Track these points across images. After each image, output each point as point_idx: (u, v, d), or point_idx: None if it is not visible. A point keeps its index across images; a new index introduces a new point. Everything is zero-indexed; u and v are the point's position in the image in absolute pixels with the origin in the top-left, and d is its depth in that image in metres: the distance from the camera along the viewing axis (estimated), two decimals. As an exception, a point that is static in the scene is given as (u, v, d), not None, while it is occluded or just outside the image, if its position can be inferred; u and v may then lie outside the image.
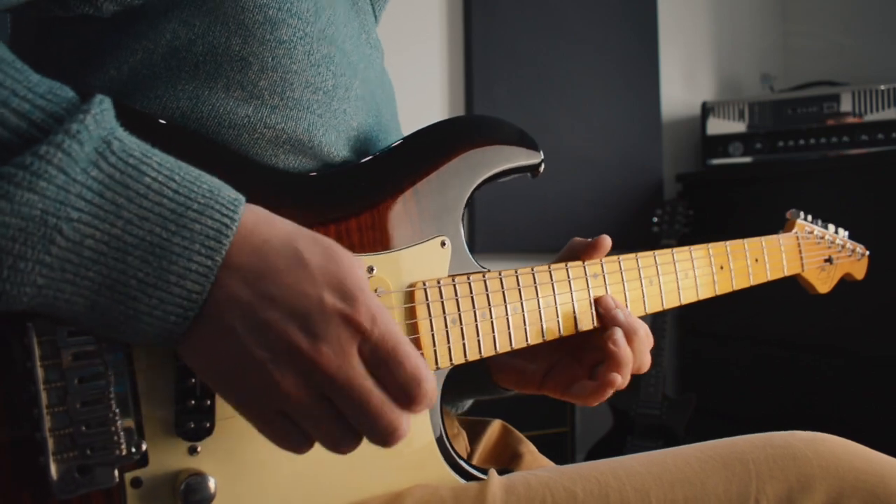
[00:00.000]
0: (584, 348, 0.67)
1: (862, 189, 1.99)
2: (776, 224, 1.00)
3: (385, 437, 0.44)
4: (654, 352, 2.14)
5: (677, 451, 0.58)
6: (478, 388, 0.75)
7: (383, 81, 0.73)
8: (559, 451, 2.06)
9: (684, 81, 2.63)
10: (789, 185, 2.15)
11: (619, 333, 0.63)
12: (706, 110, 2.39)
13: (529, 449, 0.76)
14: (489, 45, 2.17)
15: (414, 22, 2.10)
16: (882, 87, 2.14)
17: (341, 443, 0.44)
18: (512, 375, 0.71)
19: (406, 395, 0.44)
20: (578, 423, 2.18)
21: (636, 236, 2.38)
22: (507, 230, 2.15)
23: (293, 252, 0.44)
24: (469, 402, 0.82)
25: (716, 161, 2.36)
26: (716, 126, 2.37)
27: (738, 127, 2.34)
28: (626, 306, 0.70)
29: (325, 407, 0.43)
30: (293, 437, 0.45)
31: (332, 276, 0.44)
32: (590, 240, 0.70)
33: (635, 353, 0.64)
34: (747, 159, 2.32)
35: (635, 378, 2.18)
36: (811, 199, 2.10)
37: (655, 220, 2.28)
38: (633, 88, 2.44)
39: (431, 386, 0.45)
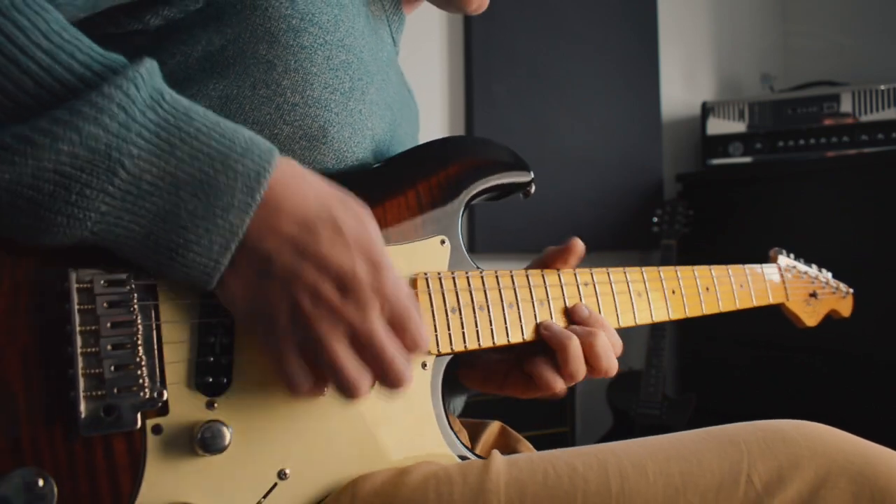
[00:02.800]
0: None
1: (862, 189, 1.99)
2: (776, 224, 1.02)
3: (395, 379, 0.51)
4: (654, 352, 2.14)
5: (672, 435, 0.61)
6: (450, 388, 0.77)
7: (404, 101, 0.78)
8: (559, 451, 2.06)
9: (684, 81, 2.63)
10: (789, 185, 2.15)
11: (547, 321, 0.68)
12: (706, 110, 2.39)
13: (527, 448, 0.77)
14: (489, 46, 2.17)
15: (414, 22, 2.09)
16: (882, 87, 2.14)
17: (349, 381, 0.50)
18: (478, 375, 0.75)
19: (413, 344, 0.52)
20: (578, 423, 2.18)
21: (636, 236, 2.38)
22: (507, 230, 2.15)
23: (329, 218, 0.50)
24: (460, 402, 0.83)
25: (716, 161, 2.36)
26: (716, 126, 2.37)
27: (738, 127, 2.34)
28: (617, 315, 0.74)
29: (343, 346, 0.50)
30: (307, 377, 0.50)
31: (363, 245, 0.50)
32: (561, 246, 0.73)
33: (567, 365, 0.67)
34: (747, 159, 2.32)
35: (635, 378, 2.19)
36: (811, 199, 2.10)
37: (655, 220, 2.29)
38: (633, 88, 2.44)
39: (426, 340, 0.54)
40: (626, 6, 2.43)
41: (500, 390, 0.73)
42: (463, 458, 0.62)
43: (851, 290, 1.11)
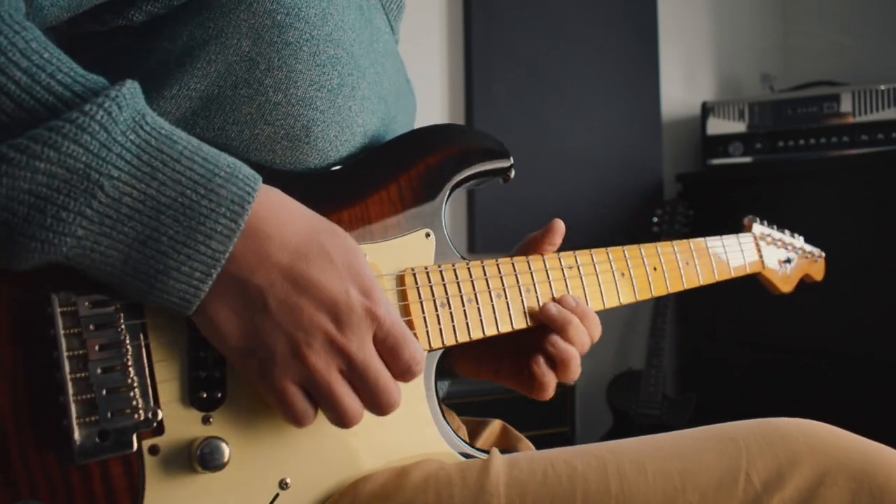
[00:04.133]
0: (534, 342, 0.70)
1: (862, 189, 1.99)
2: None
3: (386, 407, 0.51)
4: (654, 352, 2.14)
5: (671, 433, 0.60)
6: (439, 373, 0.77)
7: (400, 91, 0.76)
8: (559, 451, 2.05)
9: (684, 81, 2.63)
10: (789, 185, 2.15)
11: (554, 337, 0.67)
12: (706, 110, 2.39)
13: (527, 447, 0.77)
14: (489, 45, 2.17)
15: (414, 22, 2.09)
16: (882, 87, 2.14)
17: (346, 415, 0.50)
18: (471, 363, 0.75)
19: (406, 372, 0.52)
20: (578, 423, 2.18)
21: (636, 236, 2.38)
22: (507, 230, 2.15)
23: (319, 246, 0.49)
24: (445, 385, 0.84)
25: (716, 161, 2.36)
26: (716, 126, 2.37)
27: (738, 127, 2.34)
28: (602, 297, 0.74)
29: (341, 381, 0.49)
30: (301, 408, 0.49)
31: (354, 271, 0.50)
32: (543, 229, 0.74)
33: (574, 344, 0.67)
34: (747, 159, 2.32)
35: (635, 378, 2.19)
36: (811, 199, 2.10)
37: (655, 220, 2.29)
38: (633, 88, 2.44)
39: (423, 365, 0.53)
40: (626, 6, 2.43)
41: (495, 379, 0.73)
42: (462, 453, 0.62)
43: (823, 255, 1.13)
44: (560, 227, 0.73)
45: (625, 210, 2.39)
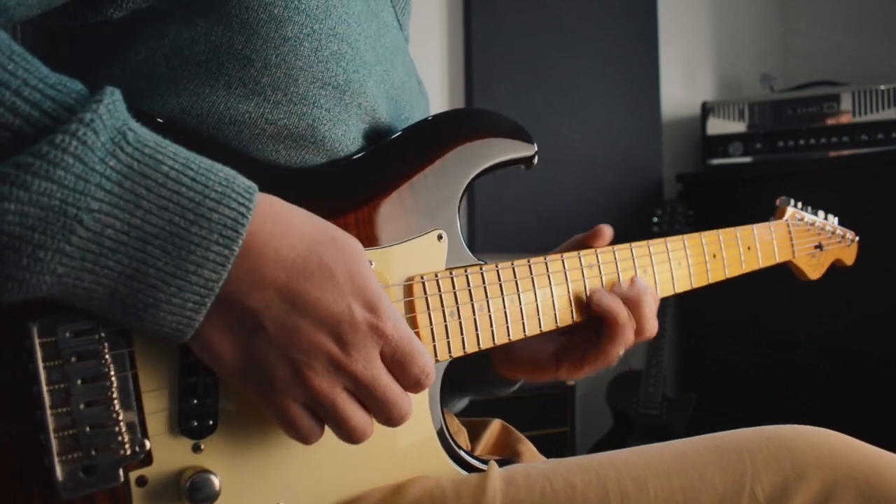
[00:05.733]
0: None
1: (862, 189, 1.99)
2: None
3: (396, 420, 0.49)
4: (654, 352, 2.14)
5: (673, 443, 0.59)
6: (478, 382, 0.75)
7: (412, 91, 0.73)
8: (559, 451, 2.05)
9: (684, 81, 2.63)
10: (789, 185, 2.15)
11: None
12: (706, 110, 2.39)
13: (528, 447, 0.76)
14: (489, 45, 2.17)
15: (414, 22, 2.09)
16: (882, 87, 2.13)
17: (355, 432, 0.48)
18: (522, 364, 0.73)
19: (416, 385, 0.50)
20: (578, 423, 2.18)
21: (636, 237, 2.37)
22: (507, 230, 2.15)
23: (318, 260, 0.46)
24: (463, 403, 0.82)
25: (716, 161, 2.36)
26: (716, 126, 2.37)
27: (738, 127, 2.34)
28: None
29: (346, 399, 0.47)
30: (308, 427, 0.48)
31: (357, 286, 0.47)
32: (590, 232, 0.71)
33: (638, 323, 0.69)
34: (747, 159, 2.31)
35: (635, 378, 2.18)
36: (811, 199, 2.09)
37: (655, 220, 2.28)
38: (633, 88, 2.44)
39: (433, 374, 0.51)
40: (626, 6, 2.42)
41: (556, 374, 0.71)
42: (460, 461, 0.60)
43: (857, 238, 1.06)
44: (607, 233, 0.72)
45: (625, 210, 2.38)
